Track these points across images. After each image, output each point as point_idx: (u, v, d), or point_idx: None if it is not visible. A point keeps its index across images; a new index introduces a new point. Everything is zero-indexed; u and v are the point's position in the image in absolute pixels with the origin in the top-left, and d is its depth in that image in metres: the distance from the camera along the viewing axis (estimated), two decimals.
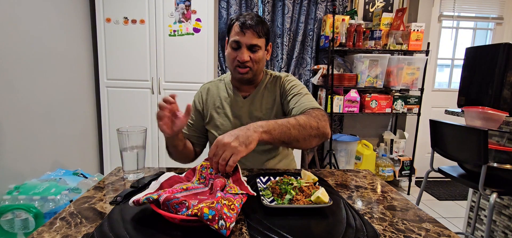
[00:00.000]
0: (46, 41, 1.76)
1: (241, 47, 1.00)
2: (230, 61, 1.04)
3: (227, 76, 1.17)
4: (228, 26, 1.05)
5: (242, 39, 0.99)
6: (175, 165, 1.09)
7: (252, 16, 1.01)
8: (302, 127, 0.83)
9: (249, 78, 1.05)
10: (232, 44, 1.01)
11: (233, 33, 1.01)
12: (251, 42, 0.99)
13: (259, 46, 1.01)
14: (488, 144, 1.26)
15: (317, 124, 0.86)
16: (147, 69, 2.20)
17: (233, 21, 1.02)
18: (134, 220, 0.58)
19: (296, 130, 0.81)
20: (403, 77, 2.53)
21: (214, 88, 1.16)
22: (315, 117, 0.88)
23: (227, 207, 0.56)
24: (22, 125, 1.58)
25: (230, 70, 1.08)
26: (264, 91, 1.11)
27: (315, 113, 0.90)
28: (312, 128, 0.84)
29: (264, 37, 1.03)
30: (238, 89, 1.12)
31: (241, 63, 1.01)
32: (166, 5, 2.12)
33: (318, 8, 2.62)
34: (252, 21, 0.99)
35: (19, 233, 1.28)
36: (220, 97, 1.13)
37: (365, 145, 2.70)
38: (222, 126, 1.09)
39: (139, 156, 0.83)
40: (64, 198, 1.35)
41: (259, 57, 1.02)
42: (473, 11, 2.91)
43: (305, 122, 0.84)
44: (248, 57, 1.00)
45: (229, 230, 0.53)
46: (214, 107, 1.12)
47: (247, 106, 1.09)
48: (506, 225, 1.63)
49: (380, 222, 0.62)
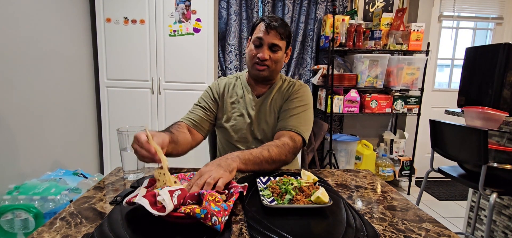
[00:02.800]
0: (46, 41, 1.76)
1: (262, 46, 1.04)
2: (250, 57, 1.07)
3: (243, 75, 1.19)
4: (253, 26, 1.09)
5: (265, 37, 1.03)
6: (175, 165, 1.09)
7: (277, 18, 1.05)
8: (273, 160, 0.90)
9: (265, 76, 1.08)
10: (255, 41, 1.05)
11: (257, 31, 1.05)
12: (273, 42, 1.03)
13: (280, 47, 1.05)
14: (488, 144, 1.26)
15: (286, 157, 0.94)
16: (147, 69, 2.20)
17: (258, 22, 1.06)
18: (134, 220, 0.58)
19: (267, 164, 0.89)
20: (403, 77, 2.53)
21: (231, 84, 1.18)
22: (286, 149, 0.95)
23: (213, 202, 0.57)
24: (22, 125, 1.58)
25: (248, 67, 1.11)
26: (277, 94, 1.13)
27: (288, 144, 0.96)
28: (280, 162, 0.93)
29: (286, 40, 1.07)
30: (252, 88, 1.14)
31: (261, 60, 1.04)
32: (166, 5, 2.12)
33: (318, 8, 2.62)
34: (277, 22, 1.03)
35: (19, 233, 1.28)
36: (237, 93, 1.15)
37: (365, 145, 2.70)
38: (235, 122, 1.11)
39: None
40: (64, 198, 1.35)
41: (278, 57, 1.06)
42: (473, 11, 2.91)
43: (277, 156, 0.91)
44: (268, 55, 1.04)
45: (223, 224, 0.54)
46: (230, 101, 1.14)
47: (259, 106, 1.12)
48: (506, 225, 1.63)
49: (380, 222, 0.62)
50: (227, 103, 1.14)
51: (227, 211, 0.57)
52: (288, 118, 1.05)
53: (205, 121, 1.11)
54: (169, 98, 2.25)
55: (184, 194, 0.58)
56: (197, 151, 2.28)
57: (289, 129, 1.02)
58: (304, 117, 1.06)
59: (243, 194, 0.69)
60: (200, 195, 0.59)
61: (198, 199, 0.59)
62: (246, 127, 1.11)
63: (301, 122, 1.04)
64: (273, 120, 1.11)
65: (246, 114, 1.12)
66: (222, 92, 1.16)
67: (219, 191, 0.64)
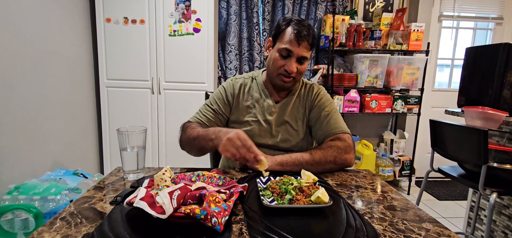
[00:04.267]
0: (46, 41, 1.76)
1: (291, 57, 0.98)
2: (276, 67, 1.00)
3: (259, 76, 1.13)
4: (279, 28, 1.00)
5: (295, 49, 0.96)
6: (175, 165, 1.09)
7: (305, 24, 0.98)
8: (317, 162, 0.90)
9: (289, 87, 1.05)
10: (282, 51, 0.98)
11: (286, 40, 0.97)
12: (302, 54, 0.97)
13: (307, 58, 1.00)
14: (488, 144, 1.26)
15: (334, 158, 0.92)
16: (147, 69, 2.20)
17: (285, 26, 0.98)
18: (134, 220, 0.58)
19: (309, 165, 0.89)
20: (403, 77, 2.53)
21: (247, 85, 1.11)
22: (334, 149, 0.93)
23: (213, 202, 0.57)
24: (22, 125, 1.58)
25: (270, 73, 1.05)
26: (296, 100, 1.09)
27: (336, 144, 0.94)
28: (327, 162, 0.91)
29: (313, 49, 1.03)
30: (271, 93, 1.09)
31: (288, 73, 0.98)
32: (166, 5, 2.12)
33: (318, 8, 2.62)
34: (307, 32, 0.96)
35: (19, 233, 1.28)
36: (252, 96, 1.09)
37: (365, 145, 2.70)
38: (250, 127, 1.06)
39: (139, 156, 0.83)
40: (64, 198, 1.35)
41: (304, 69, 1.02)
42: (473, 11, 2.91)
43: (321, 158, 0.90)
44: (296, 68, 0.98)
45: (222, 225, 0.54)
46: (245, 105, 1.08)
47: (278, 111, 1.07)
48: (506, 225, 1.63)
49: (380, 222, 0.62)
50: (242, 107, 1.08)
51: (227, 211, 0.57)
52: (325, 126, 1.02)
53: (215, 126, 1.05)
54: (169, 98, 2.25)
55: (184, 194, 0.58)
56: None
57: (333, 134, 0.99)
58: (337, 116, 1.04)
59: (243, 194, 0.69)
60: (201, 196, 0.59)
61: (199, 199, 0.59)
62: (263, 134, 1.06)
63: (337, 121, 1.02)
64: (296, 127, 1.07)
65: (263, 120, 1.06)
66: (237, 94, 1.09)
67: (220, 191, 0.64)
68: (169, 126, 2.28)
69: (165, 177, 0.68)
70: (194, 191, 0.61)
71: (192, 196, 0.59)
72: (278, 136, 1.06)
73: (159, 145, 2.30)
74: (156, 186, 0.67)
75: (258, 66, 2.61)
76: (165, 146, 2.30)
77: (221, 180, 0.73)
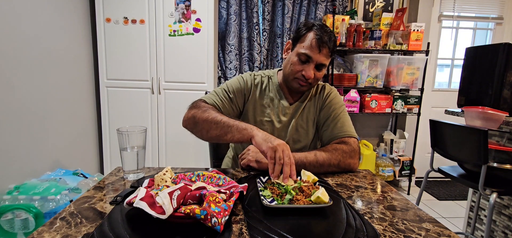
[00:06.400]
0: (46, 41, 1.76)
1: (309, 63, 0.96)
2: (293, 71, 0.99)
3: (274, 76, 1.12)
4: (299, 32, 0.99)
5: (315, 56, 0.95)
6: (175, 165, 1.09)
7: (327, 30, 0.96)
8: (320, 164, 0.89)
9: (304, 91, 1.05)
10: (301, 56, 0.96)
11: (306, 45, 0.95)
12: (322, 61, 0.96)
13: (326, 65, 0.99)
14: (488, 144, 1.26)
15: (338, 162, 0.91)
16: (147, 69, 2.20)
17: (307, 30, 0.96)
18: (134, 220, 0.58)
19: (311, 166, 0.88)
20: (403, 77, 2.53)
21: (264, 84, 1.10)
22: (340, 153, 0.92)
23: (213, 202, 0.57)
24: (22, 125, 1.58)
25: (286, 75, 1.03)
26: (309, 102, 1.09)
27: (341, 148, 0.93)
28: (331, 166, 0.91)
29: (333, 55, 1.01)
30: (285, 94, 1.09)
31: (305, 78, 0.97)
32: (166, 5, 2.12)
33: (318, 8, 2.62)
34: (329, 38, 0.94)
35: (19, 233, 1.28)
36: (268, 96, 1.09)
37: (365, 145, 2.70)
38: (263, 127, 1.05)
39: (139, 156, 0.82)
40: (64, 198, 1.35)
41: (322, 75, 1.01)
42: (473, 11, 2.91)
43: (325, 160, 0.90)
44: (313, 74, 0.97)
45: (222, 225, 0.54)
46: (260, 103, 1.08)
47: (291, 113, 1.07)
48: (506, 225, 1.63)
49: (380, 222, 0.62)
50: (258, 104, 1.07)
51: (227, 211, 0.57)
52: (332, 127, 1.02)
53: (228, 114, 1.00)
54: (169, 98, 2.25)
55: (184, 194, 0.58)
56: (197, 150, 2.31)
57: (340, 137, 0.99)
58: (345, 119, 1.04)
59: (243, 194, 0.69)
60: (201, 196, 0.59)
61: (199, 199, 0.59)
62: (275, 135, 1.04)
63: (345, 124, 1.02)
64: (307, 128, 1.07)
65: (276, 121, 1.06)
66: (254, 91, 1.08)
67: (220, 191, 0.64)
68: (169, 126, 2.28)
69: (165, 177, 0.68)
70: (194, 191, 0.61)
71: (192, 196, 0.59)
72: (290, 137, 1.07)
73: (159, 145, 2.30)
74: (157, 186, 0.67)
75: (258, 66, 2.61)
76: (165, 146, 2.30)
77: (221, 180, 0.73)
